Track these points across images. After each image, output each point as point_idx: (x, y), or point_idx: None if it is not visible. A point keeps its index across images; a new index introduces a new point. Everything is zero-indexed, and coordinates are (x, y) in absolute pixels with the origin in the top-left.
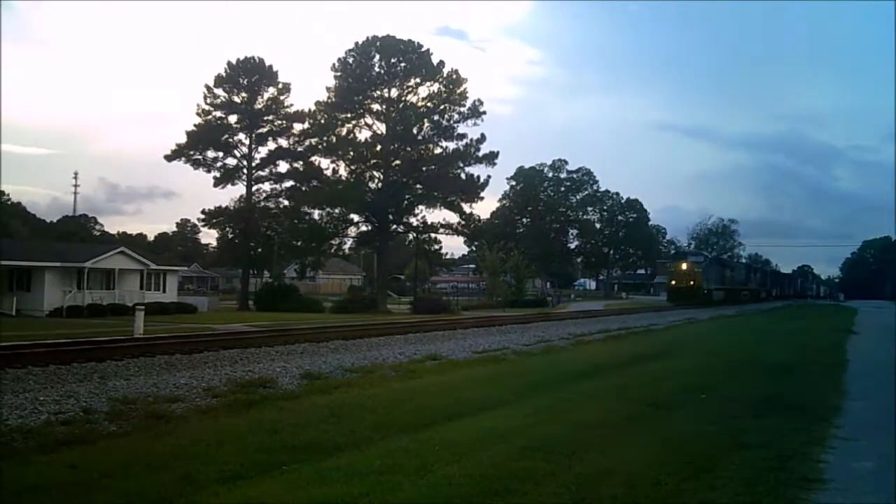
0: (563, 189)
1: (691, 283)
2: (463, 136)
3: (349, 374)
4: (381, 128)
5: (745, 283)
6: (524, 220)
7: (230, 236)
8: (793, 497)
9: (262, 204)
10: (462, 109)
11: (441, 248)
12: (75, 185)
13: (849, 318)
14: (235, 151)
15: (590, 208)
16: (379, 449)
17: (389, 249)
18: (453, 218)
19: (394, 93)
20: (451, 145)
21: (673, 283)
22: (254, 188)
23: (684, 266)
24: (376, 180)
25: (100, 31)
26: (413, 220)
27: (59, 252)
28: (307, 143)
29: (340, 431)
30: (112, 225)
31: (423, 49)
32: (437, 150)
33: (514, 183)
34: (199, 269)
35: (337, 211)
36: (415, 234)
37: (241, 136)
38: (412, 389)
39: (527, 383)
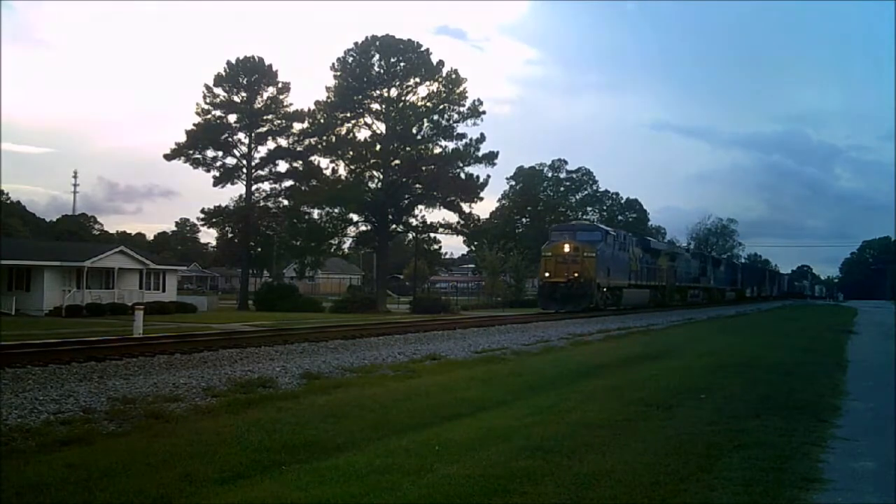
0: (562, 189)
1: (575, 274)
2: (462, 135)
3: (348, 374)
4: (380, 127)
5: (697, 280)
6: (524, 219)
7: (229, 236)
8: (792, 497)
9: (262, 203)
10: (461, 109)
11: (440, 247)
12: (74, 185)
13: (848, 318)
14: (235, 151)
15: (589, 208)
16: (378, 449)
17: (389, 249)
18: (453, 218)
19: (393, 92)
20: (451, 145)
21: (547, 275)
22: (253, 188)
23: (566, 248)
24: (376, 180)
25: (100, 31)
26: (412, 220)
27: (59, 251)
28: (307, 142)
29: (340, 431)
30: (111, 224)
31: (422, 49)
32: (437, 150)
33: (513, 183)
34: (199, 269)
35: (336, 210)
36: (414, 234)
37: (241, 135)
38: (411, 389)
39: (526, 383)
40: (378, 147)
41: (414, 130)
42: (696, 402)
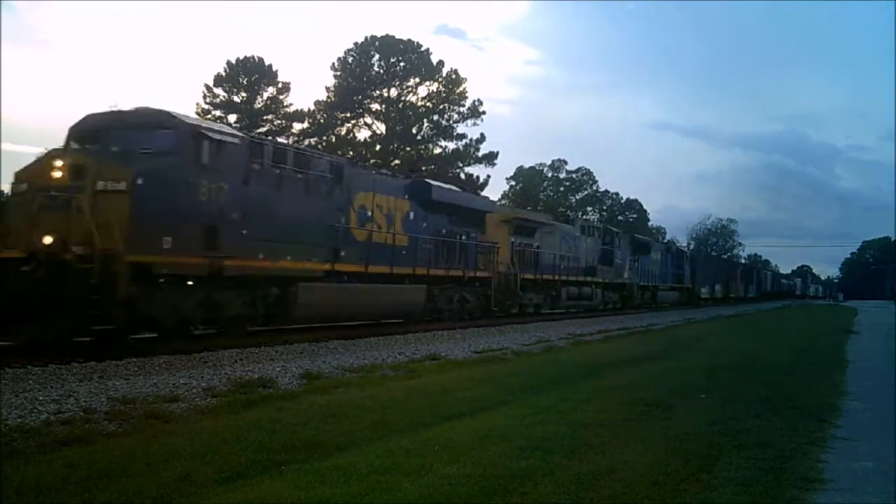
0: (562, 189)
1: (46, 241)
2: (462, 135)
3: (348, 374)
4: (380, 127)
5: (593, 270)
6: None
7: None
8: (792, 497)
9: None
10: (461, 109)
11: None
12: None
13: (848, 319)
14: None
15: (589, 208)
16: (378, 449)
17: None
18: None
19: (393, 92)
20: (451, 145)
21: None
22: None
23: (55, 170)
24: None
25: (100, 31)
26: None
27: None
28: (307, 142)
29: (340, 431)
30: None
31: (422, 49)
32: (437, 150)
33: (513, 183)
34: None
35: None
36: None
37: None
38: (411, 389)
39: (526, 383)
40: (378, 147)
41: (414, 130)
42: (696, 402)
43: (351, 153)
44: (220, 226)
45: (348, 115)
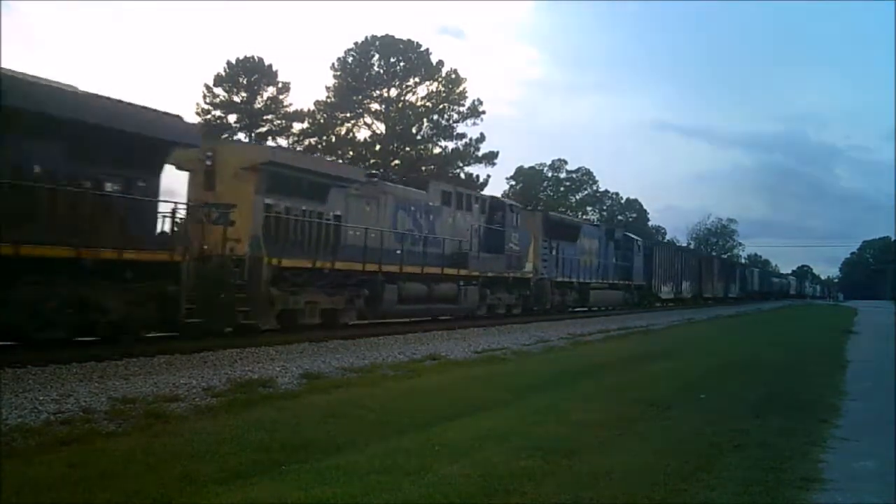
0: (562, 189)
1: None
2: (462, 135)
3: (348, 374)
4: (380, 127)
5: (463, 258)
6: None
7: None
8: (792, 497)
9: None
10: (461, 109)
11: None
12: None
13: (848, 318)
14: None
15: (589, 208)
16: (378, 449)
17: None
18: None
19: (393, 92)
20: (451, 145)
21: None
22: None
23: None
24: None
25: (100, 31)
26: None
27: None
28: (306, 142)
29: (339, 431)
30: None
31: (422, 49)
32: (437, 150)
33: (513, 183)
34: None
35: None
36: None
37: (241, 135)
38: (411, 389)
39: (526, 383)
40: (378, 147)
41: (414, 130)
42: (696, 402)
43: (351, 153)
44: None
45: (348, 115)
